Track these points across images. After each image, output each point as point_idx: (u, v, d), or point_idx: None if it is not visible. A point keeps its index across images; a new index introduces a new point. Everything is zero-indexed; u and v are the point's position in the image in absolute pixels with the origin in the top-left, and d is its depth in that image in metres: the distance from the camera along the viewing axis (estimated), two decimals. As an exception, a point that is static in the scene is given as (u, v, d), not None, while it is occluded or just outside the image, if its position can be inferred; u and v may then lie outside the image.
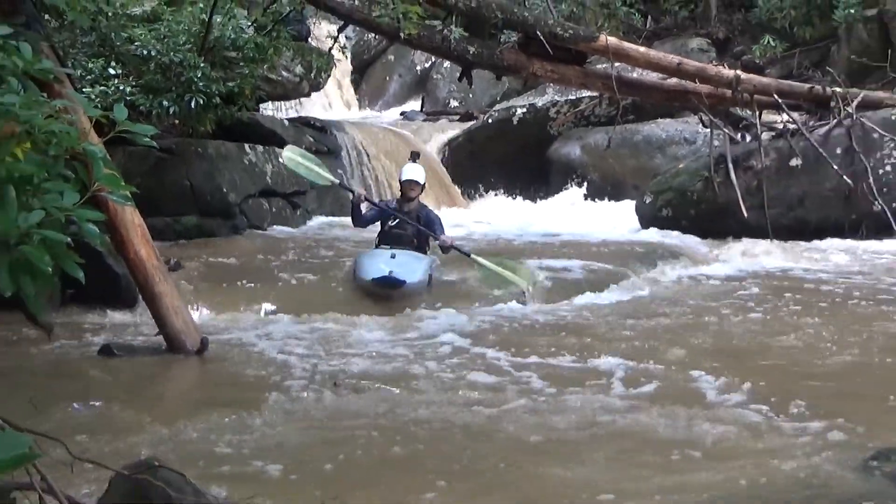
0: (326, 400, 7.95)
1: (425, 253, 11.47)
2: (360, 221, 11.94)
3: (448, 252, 11.29)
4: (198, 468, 6.15)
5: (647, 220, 16.26)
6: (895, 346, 9.46)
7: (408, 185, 11.35)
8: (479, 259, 10.85)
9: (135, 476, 5.53)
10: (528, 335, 10.22)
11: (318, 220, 16.95)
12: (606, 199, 17.46)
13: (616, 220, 16.55)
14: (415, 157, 12.99)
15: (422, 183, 11.48)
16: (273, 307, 11.03)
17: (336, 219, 16.58)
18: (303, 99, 21.27)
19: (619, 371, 8.70)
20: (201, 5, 16.14)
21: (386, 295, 10.31)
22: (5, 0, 10.99)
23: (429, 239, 11.38)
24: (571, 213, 17.15)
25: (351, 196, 11.94)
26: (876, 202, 14.95)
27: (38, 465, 3.86)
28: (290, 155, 12.32)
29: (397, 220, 11.26)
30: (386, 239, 11.41)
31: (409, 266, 10.44)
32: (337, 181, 12.10)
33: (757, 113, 16.62)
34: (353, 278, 11.39)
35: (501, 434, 7.21)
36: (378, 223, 11.79)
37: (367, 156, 18.44)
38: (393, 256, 10.59)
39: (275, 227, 16.11)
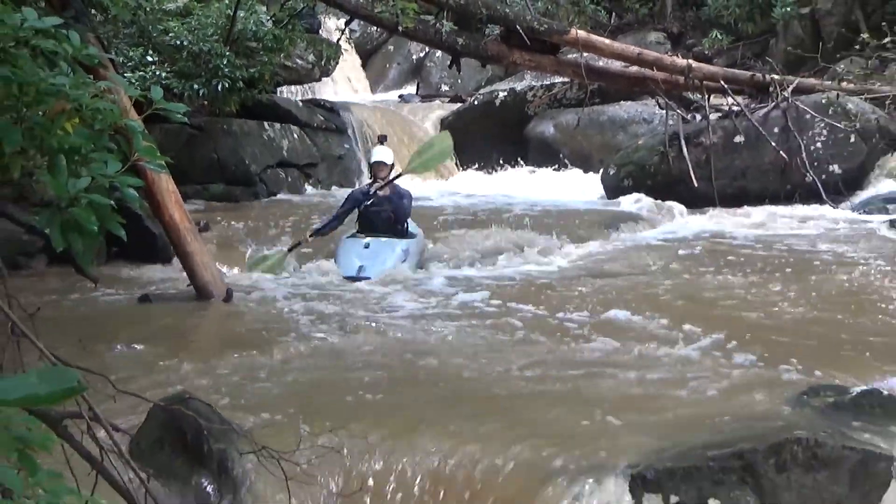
0: (336, 342, 7.96)
1: (404, 227, 10.90)
2: (330, 227, 11.22)
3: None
4: (224, 399, 6.17)
5: (610, 190, 16.27)
6: (826, 296, 9.44)
7: (377, 167, 11.00)
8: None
9: (169, 407, 5.47)
10: (517, 289, 10.19)
11: (326, 189, 16.92)
12: (576, 171, 17.39)
13: (584, 189, 16.57)
14: (382, 139, 12.90)
15: (389, 163, 11.01)
16: (290, 262, 10.95)
17: (343, 189, 16.58)
18: (315, 84, 21.33)
19: (591, 319, 8.68)
20: (227, 1, 16.36)
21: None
22: (72, 5, 10.95)
23: (407, 212, 10.94)
24: (546, 183, 17.14)
25: (302, 243, 11.24)
26: (808, 174, 15.00)
27: (85, 396, 3.78)
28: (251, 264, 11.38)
29: (371, 201, 10.77)
30: (364, 221, 10.91)
31: (380, 256, 9.96)
32: (287, 257, 11.11)
33: (706, 97, 16.68)
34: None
35: (492, 372, 7.17)
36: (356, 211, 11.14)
37: (370, 131, 18.43)
38: (366, 246, 10.16)
39: (290, 194, 16.14)
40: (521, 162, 18.43)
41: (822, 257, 11.50)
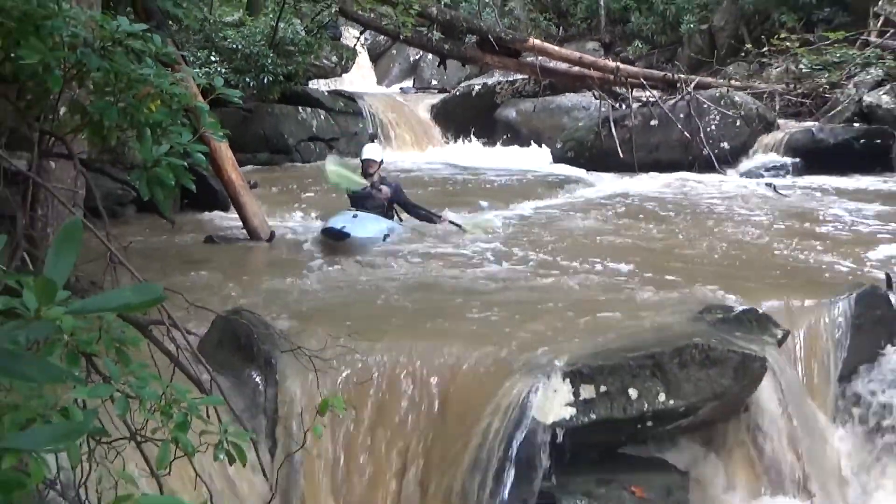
0: (354, 272, 7.94)
1: (392, 215, 9.85)
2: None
3: (437, 222, 9.75)
4: (269, 312, 6.14)
5: (557, 159, 16.21)
6: (717, 237, 9.44)
7: (367, 163, 9.74)
8: (459, 222, 9.80)
9: (228, 317, 5.48)
10: (497, 230, 10.06)
11: (347, 159, 16.89)
12: (533, 146, 17.32)
13: (537, 158, 16.51)
14: (372, 138, 12.71)
15: (378, 160, 9.79)
16: (320, 212, 10.90)
17: (355, 159, 16.56)
18: (337, 78, 21.27)
19: (543, 256, 8.68)
20: (270, 15, 16.36)
21: (333, 245, 8.73)
22: (143, 11, 10.82)
23: (401, 199, 9.89)
24: (508, 154, 17.14)
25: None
26: (704, 149, 14.98)
27: (165, 307, 3.76)
28: (332, 168, 10.21)
29: (364, 192, 9.57)
30: (357, 207, 9.60)
31: (363, 225, 8.86)
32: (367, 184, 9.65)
33: (629, 90, 16.72)
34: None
35: (469, 296, 7.17)
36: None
37: (378, 113, 18.44)
38: (355, 216, 9.03)
39: (318, 161, 16.07)
40: (491, 138, 18.32)
41: (715, 209, 11.50)
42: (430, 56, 21.32)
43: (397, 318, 6.47)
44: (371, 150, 9.78)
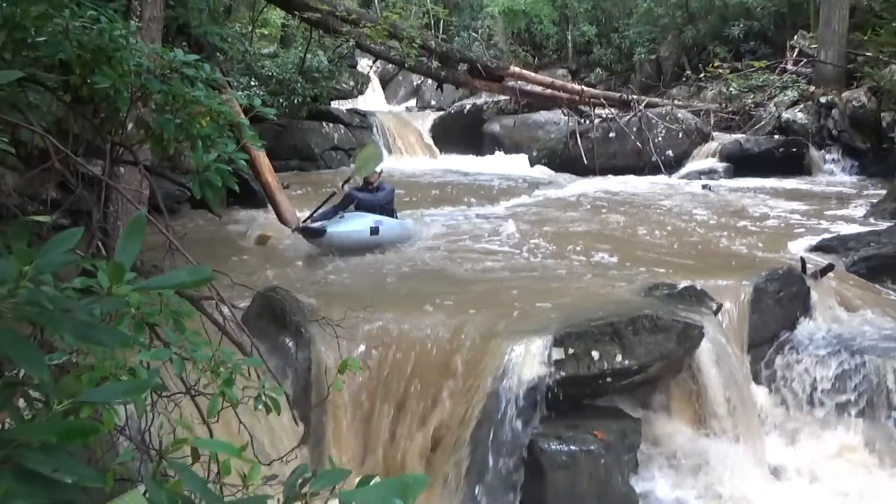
0: (371, 257, 7.90)
1: (393, 214, 8.87)
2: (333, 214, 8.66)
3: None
4: (299, 289, 6.13)
5: (533, 164, 16.19)
6: (663, 227, 9.45)
7: (370, 174, 8.73)
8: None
9: (266, 293, 5.47)
10: (477, 225, 10.09)
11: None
12: (513, 155, 17.27)
13: (517, 164, 16.45)
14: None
15: (379, 171, 8.82)
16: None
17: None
18: (353, 99, 21.24)
19: (524, 242, 8.68)
20: (300, 48, 16.33)
21: (310, 243, 7.92)
22: (195, 44, 10.77)
23: (393, 207, 8.86)
24: (493, 161, 17.09)
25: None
26: (653, 156, 14.99)
27: (214, 285, 3.76)
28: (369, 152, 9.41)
29: (365, 196, 8.52)
30: (361, 209, 8.54)
31: (345, 222, 7.91)
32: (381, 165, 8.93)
33: (592, 109, 16.62)
34: None
35: (464, 276, 7.18)
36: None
37: (387, 127, 18.38)
38: (341, 217, 8.12)
39: (339, 167, 15.98)
40: (479, 149, 18.24)
41: (661, 204, 11.51)
42: (429, 81, 21.24)
43: (404, 296, 6.46)
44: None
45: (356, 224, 8.00)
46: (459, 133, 18.85)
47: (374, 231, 8.01)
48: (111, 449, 2.94)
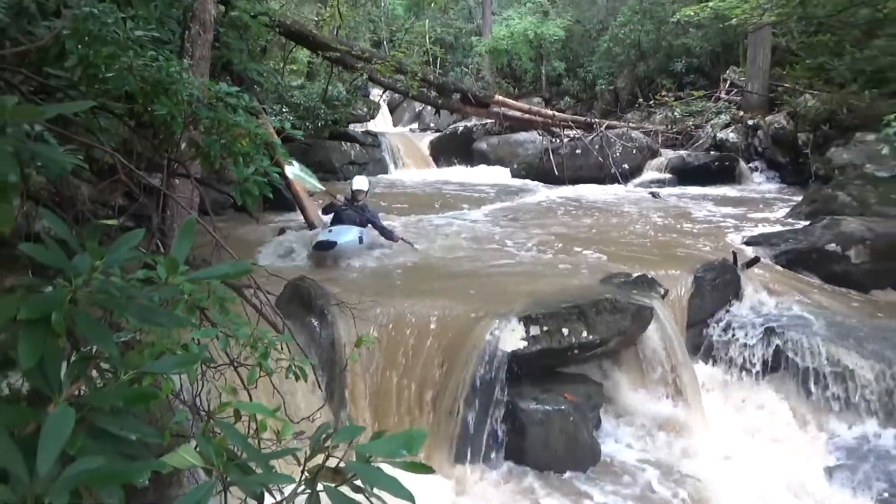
0: (380, 256, 7.86)
1: (363, 226, 8.26)
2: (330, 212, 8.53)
3: (393, 240, 8.23)
4: (323, 279, 6.08)
5: (514, 175, 16.06)
6: (621, 227, 9.41)
7: (356, 192, 8.45)
8: (410, 241, 8.25)
9: (295, 282, 5.45)
10: (467, 225, 10.02)
11: (372, 175, 16.67)
12: (498, 167, 17.18)
13: (501, 175, 16.36)
14: (360, 171, 12.19)
15: (365, 190, 8.55)
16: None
17: (379, 176, 16.45)
18: (367, 123, 21.14)
19: (505, 239, 8.64)
20: (323, 80, 16.24)
21: (324, 255, 7.51)
22: (237, 78, 10.74)
23: (377, 220, 8.41)
24: (481, 172, 17.00)
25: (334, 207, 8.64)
26: (612, 168, 14.91)
27: (252, 276, 3.76)
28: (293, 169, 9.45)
29: (346, 211, 8.28)
30: (337, 221, 8.30)
31: (342, 233, 7.65)
32: (322, 188, 8.47)
33: (562, 130, 16.58)
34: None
35: (451, 269, 7.17)
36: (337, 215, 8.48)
37: (394, 145, 18.29)
38: (330, 230, 7.78)
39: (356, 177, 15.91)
40: (470, 163, 18.14)
41: (619, 209, 11.46)
42: (429, 107, 21.16)
43: (406, 286, 6.43)
44: (360, 182, 8.69)
45: (350, 235, 7.75)
46: (453, 150, 18.79)
47: (360, 240, 7.86)
48: (168, 411, 2.94)
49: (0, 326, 1.49)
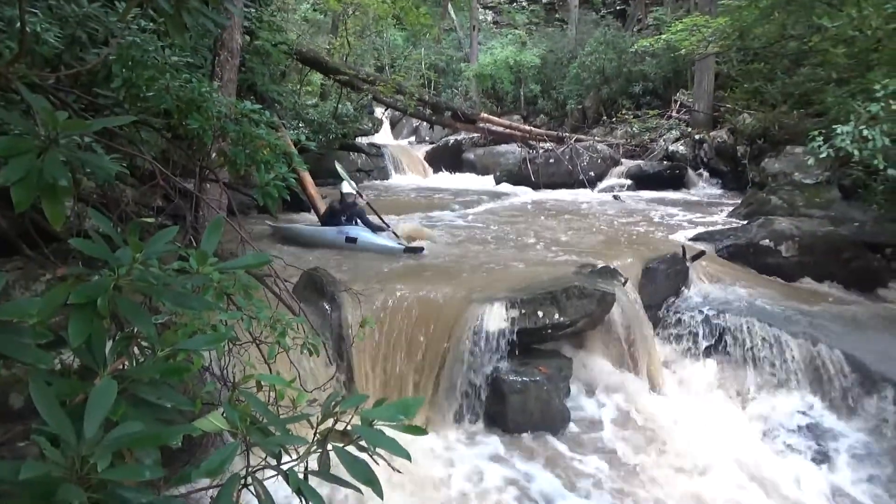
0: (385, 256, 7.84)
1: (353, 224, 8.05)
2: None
3: (386, 230, 8.17)
4: (333, 269, 6.05)
5: (497, 182, 15.92)
6: (588, 225, 9.38)
7: (346, 195, 8.13)
8: (398, 233, 8.13)
9: (309, 272, 5.41)
10: (456, 224, 9.98)
11: (378, 181, 16.60)
12: (483, 175, 17.12)
13: (486, 182, 16.26)
14: (352, 178, 12.08)
15: (354, 193, 8.23)
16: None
17: (386, 182, 16.38)
18: (371, 136, 21.00)
19: (490, 235, 8.61)
20: (333, 100, 16.10)
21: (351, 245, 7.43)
22: (259, 98, 10.67)
23: (364, 215, 8.22)
24: (469, 179, 16.89)
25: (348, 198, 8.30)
26: (581, 176, 14.89)
27: (272, 266, 3.73)
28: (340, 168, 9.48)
29: (340, 208, 8.04)
30: (334, 218, 8.09)
31: (360, 231, 7.59)
32: (355, 187, 8.45)
33: (538, 142, 16.54)
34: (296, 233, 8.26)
35: (453, 261, 7.13)
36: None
37: (395, 155, 18.19)
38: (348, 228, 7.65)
39: (364, 182, 15.84)
40: (458, 170, 18.03)
41: (587, 210, 11.43)
42: (424, 123, 21.07)
43: (404, 276, 6.36)
44: (347, 188, 8.30)
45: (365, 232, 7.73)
46: (446, 159, 18.68)
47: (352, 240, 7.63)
48: (199, 382, 2.91)
49: (53, 310, 1.47)
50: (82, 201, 3.82)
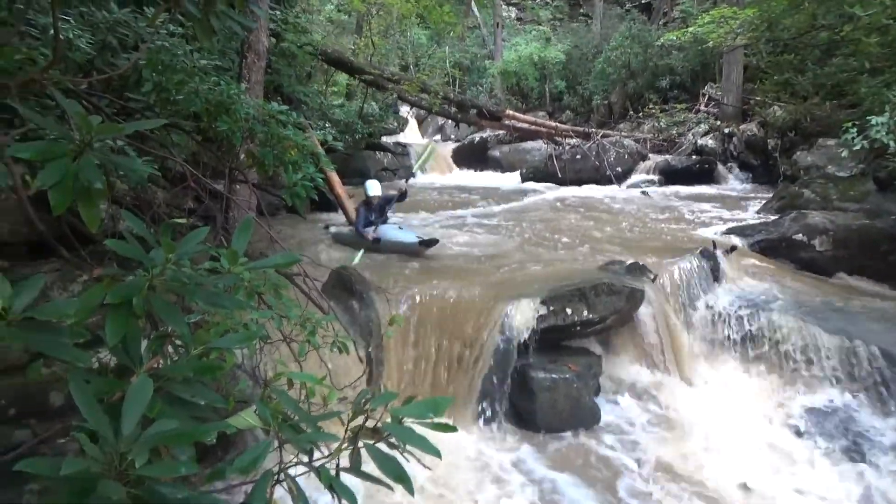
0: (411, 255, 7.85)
1: (385, 222, 7.82)
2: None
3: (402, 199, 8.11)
4: (361, 269, 6.06)
5: (524, 179, 15.84)
6: (617, 222, 9.30)
7: (373, 197, 7.80)
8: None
9: (338, 270, 5.45)
10: (485, 220, 9.94)
11: (402, 179, 16.60)
12: (509, 172, 17.06)
13: (512, 179, 16.24)
14: (376, 178, 12.19)
15: (379, 193, 7.97)
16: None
17: (410, 181, 16.41)
18: (397, 135, 21.05)
19: (519, 232, 8.58)
20: (359, 100, 16.18)
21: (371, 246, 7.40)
22: (286, 99, 10.77)
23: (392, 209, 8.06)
24: (495, 177, 16.88)
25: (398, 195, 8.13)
26: (607, 171, 14.76)
27: (302, 266, 3.75)
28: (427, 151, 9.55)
29: (371, 208, 7.71)
30: (369, 215, 7.65)
31: (385, 232, 7.54)
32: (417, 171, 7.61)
33: (564, 138, 16.42)
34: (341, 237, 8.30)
35: (477, 259, 7.11)
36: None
37: (419, 153, 18.19)
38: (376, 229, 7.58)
39: (389, 182, 15.88)
40: (484, 167, 18.01)
41: (615, 206, 11.33)
42: (450, 121, 21.04)
43: (431, 274, 6.36)
44: (375, 187, 8.05)
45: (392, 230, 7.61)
46: (471, 157, 18.68)
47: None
48: (232, 380, 2.95)
49: (90, 310, 1.50)
50: (116, 203, 3.89)
